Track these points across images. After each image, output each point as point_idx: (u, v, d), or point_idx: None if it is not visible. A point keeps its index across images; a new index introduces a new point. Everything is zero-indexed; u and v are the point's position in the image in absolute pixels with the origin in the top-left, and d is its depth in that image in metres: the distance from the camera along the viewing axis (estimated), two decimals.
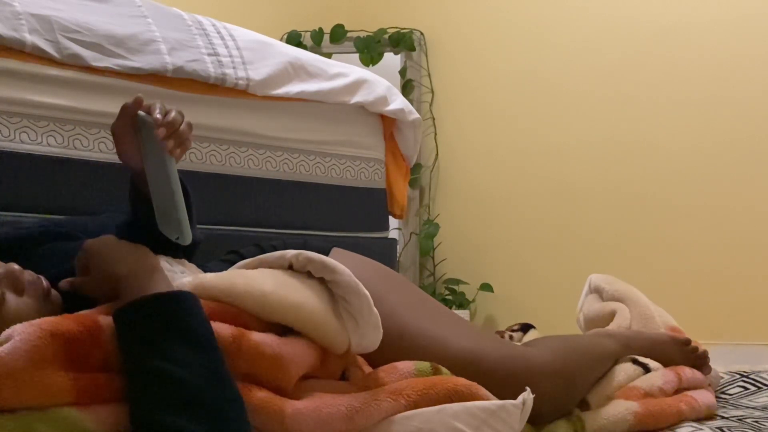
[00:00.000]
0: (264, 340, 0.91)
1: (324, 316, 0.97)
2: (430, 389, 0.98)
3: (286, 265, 1.02)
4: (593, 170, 3.04)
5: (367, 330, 1.00)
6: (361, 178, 2.08)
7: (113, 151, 1.58)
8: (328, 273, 1.00)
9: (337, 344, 0.99)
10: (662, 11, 2.96)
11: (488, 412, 0.96)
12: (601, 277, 1.89)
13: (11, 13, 1.46)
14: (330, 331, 0.97)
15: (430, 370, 1.06)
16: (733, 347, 2.61)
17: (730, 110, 2.85)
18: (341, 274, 0.99)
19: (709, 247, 2.84)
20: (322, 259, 1.00)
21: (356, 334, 1.00)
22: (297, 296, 0.96)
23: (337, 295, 1.00)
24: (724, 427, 1.33)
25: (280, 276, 0.99)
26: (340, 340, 0.99)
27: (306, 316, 0.96)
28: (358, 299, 0.99)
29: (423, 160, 3.27)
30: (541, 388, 1.13)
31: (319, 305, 0.97)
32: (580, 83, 3.08)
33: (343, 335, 0.99)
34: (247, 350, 0.89)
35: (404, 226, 3.28)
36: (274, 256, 1.03)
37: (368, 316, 1.00)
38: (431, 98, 3.32)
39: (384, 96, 2.07)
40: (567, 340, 1.44)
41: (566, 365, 1.26)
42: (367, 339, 1.01)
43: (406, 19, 3.36)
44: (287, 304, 0.95)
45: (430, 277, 3.25)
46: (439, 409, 0.95)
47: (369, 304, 1.00)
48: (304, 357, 0.95)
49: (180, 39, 1.70)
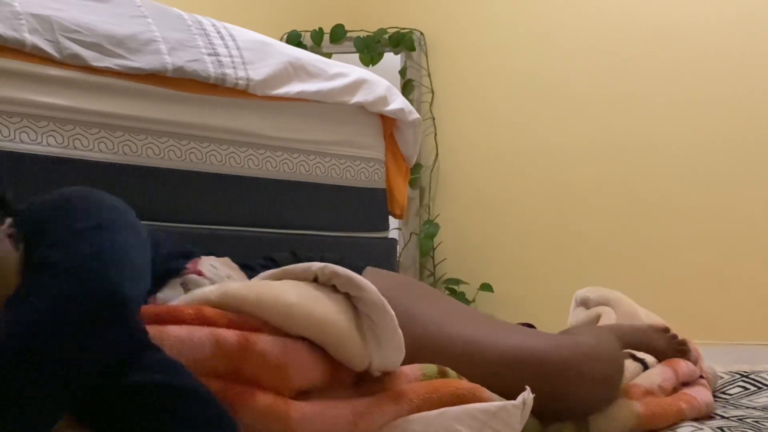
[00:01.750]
0: (270, 349, 0.90)
1: (347, 333, 0.95)
2: (432, 393, 0.99)
3: (311, 278, 1.00)
4: (593, 170, 3.04)
5: (389, 350, 0.98)
6: (361, 178, 2.07)
7: (113, 151, 1.59)
8: (354, 289, 0.97)
9: (357, 362, 0.97)
10: (662, 11, 2.96)
11: (489, 413, 0.96)
12: (586, 289, 1.92)
13: (11, 13, 1.46)
14: (352, 349, 0.95)
15: (437, 373, 1.06)
16: (733, 347, 2.61)
17: (730, 110, 2.85)
18: (367, 291, 0.97)
19: (709, 247, 2.84)
20: (348, 274, 0.98)
21: (378, 354, 0.97)
22: (322, 310, 0.94)
23: (361, 313, 0.98)
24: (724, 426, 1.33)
25: (305, 288, 0.97)
26: (360, 359, 0.97)
27: (329, 331, 0.94)
28: (383, 318, 0.97)
29: (423, 160, 3.27)
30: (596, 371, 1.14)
31: (343, 321, 0.95)
32: (580, 83, 3.08)
33: (364, 353, 0.96)
34: (251, 357, 0.88)
35: (404, 226, 3.28)
36: (299, 268, 1.01)
37: (392, 336, 0.98)
38: (431, 98, 3.32)
39: (384, 96, 2.07)
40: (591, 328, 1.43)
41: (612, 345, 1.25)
42: (388, 360, 0.99)
43: (406, 19, 3.36)
44: (312, 318, 0.93)
45: (430, 277, 3.25)
46: (440, 412, 0.96)
47: (393, 325, 0.97)
48: (311, 368, 0.94)
49: (180, 39, 1.70)
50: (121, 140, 1.60)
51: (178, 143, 1.69)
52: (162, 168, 1.66)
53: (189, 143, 1.71)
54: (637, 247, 2.95)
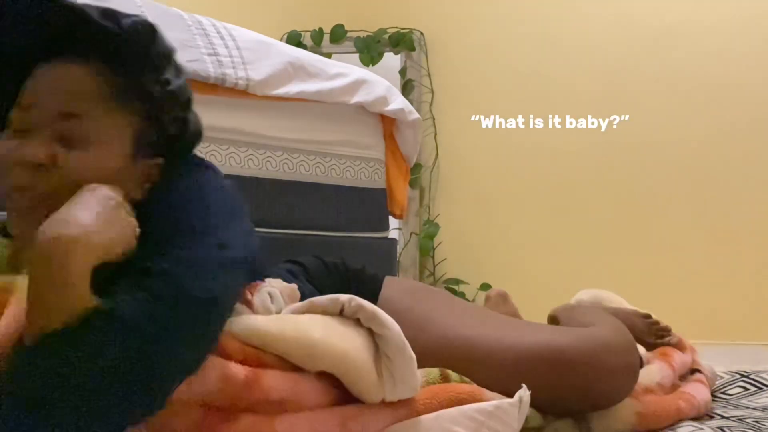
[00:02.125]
0: (275, 386, 0.89)
1: (366, 370, 0.95)
2: (431, 399, 0.99)
3: (338, 310, 0.99)
4: (593, 170, 3.04)
5: (403, 390, 0.98)
6: (361, 178, 2.07)
7: None
8: (377, 326, 0.97)
9: (371, 398, 0.96)
10: (662, 11, 2.97)
11: (486, 413, 0.96)
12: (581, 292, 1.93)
13: None
14: (367, 386, 0.95)
15: (439, 377, 1.06)
16: (733, 347, 2.61)
17: (730, 111, 2.85)
18: (390, 330, 0.97)
19: (709, 247, 2.84)
20: (374, 310, 0.98)
21: (392, 392, 0.97)
22: (343, 347, 0.94)
23: (381, 350, 0.97)
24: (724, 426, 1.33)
25: (329, 323, 0.97)
26: (374, 395, 0.96)
27: (349, 368, 0.93)
28: (403, 360, 0.96)
29: (423, 160, 3.27)
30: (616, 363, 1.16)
31: (363, 359, 0.95)
32: (580, 83, 3.08)
33: (379, 391, 0.96)
34: (256, 392, 0.87)
35: (404, 226, 3.28)
36: (325, 300, 1.00)
37: (410, 379, 0.97)
38: (431, 98, 3.32)
39: (384, 96, 2.07)
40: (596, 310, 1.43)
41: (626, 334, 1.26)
42: (401, 396, 0.99)
43: (406, 19, 3.36)
44: (334, 354, 0.93)
45: (430, 277, 3.25)
46: (436, 415, 0.95)
47: (412, 367, 0.97)
48: (315, 397, 0.94)
49: (180, 39, 1.70)
50: None
51: None
52: None
53: None
54: (637, 247, 2.95)
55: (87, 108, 0.87)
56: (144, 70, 0.92)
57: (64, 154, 0.84)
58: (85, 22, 0.89)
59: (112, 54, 0.90)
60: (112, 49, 0.90)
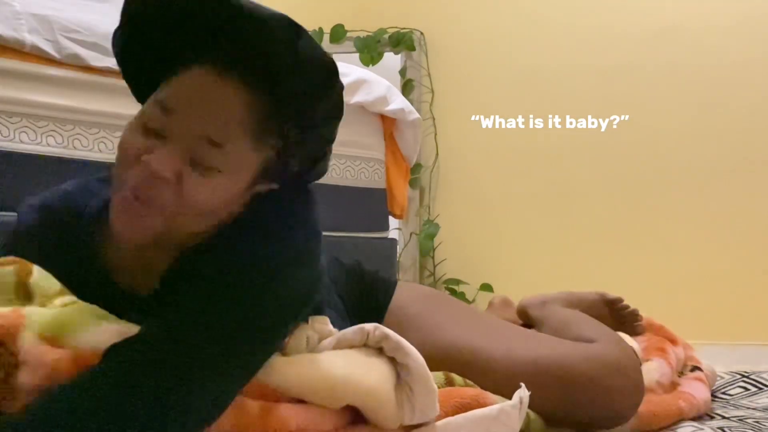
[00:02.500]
0: (291, 415, 0.89)
1: (387, 402, 0.95)
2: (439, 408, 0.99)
3: (364, 340, 0.99)
4: (593, 170, 3.04)
5: (421, 419, 0.98)
6: (361, 178, 2.07)
7: (113, 151, 1.58)
8: (402, 356, 0.97)
9: (390, 426, 0.96)
10: (662, 11, 2.96)
11: (490, 418, 0.98)
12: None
13: (11, 12, 1.45)
14: (387, 415, 0.95)
15: (444, 381, 1.07)
16: (733, 347, 2.61)
17: (730, 111, 2.85)
18: (414, 359, 0.96)
19: (709, 247, 2.84)
20: (398, 341, 0.98)
21: (410, 420, 0.97)
22: (367, 380, 0.94)
23: (403, 379, 0.97)
24: (725, 427, 1.34)
25: (351, 356, 0.97)
26: (392, 423, 0.96)
27: (371, 400, 0.93)
28: (425, 392, 0.96)
29: (423, 160, 3.27)
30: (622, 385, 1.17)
31: (386, 390, 0.95)
32: (580, 83, 3.08)
33: (397, 419, 0.96)
34: (273, 422, 0.87)
35: (404, 226, 3.27)
36: (351, 333, 0.99)
37: (430, 411, 0.97)
38: (431, 98, 3.32)
39: (384, 96, 2.07)
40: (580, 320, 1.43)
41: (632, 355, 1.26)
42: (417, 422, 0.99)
43: (406, 19, 3.36)
44: (356, 390, 0.93)
45: (430, 277, 3.25)
46: (442, 424, 0.97)
47: (433, 399, 0.97)
48: (332, 426, 0.94)
49: None
50: None
51: None
52: None
53: None
54: (637, 247, 2.95)
55: (230, 138, 0.82)
56: (303, 112, 0.86)
57: (190, 175, 0.81)
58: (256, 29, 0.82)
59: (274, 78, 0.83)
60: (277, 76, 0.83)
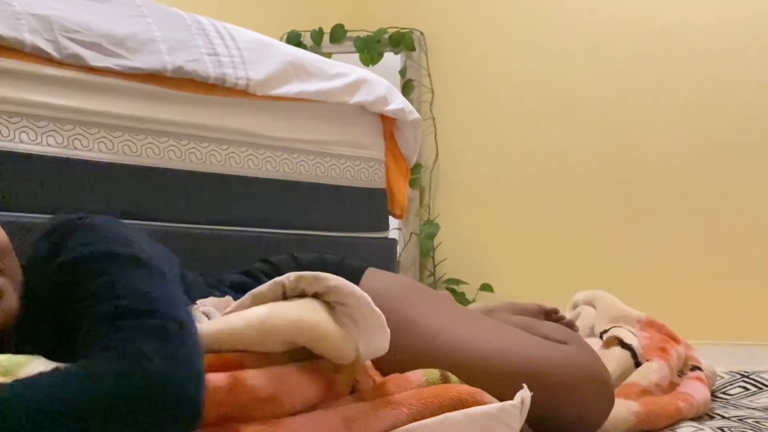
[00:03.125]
0: (260, 383, 0.89)
1: (325, 325, 0.95)
2: (434, 398, 0.99)
3: (280, 292, 1.00)
4: (593, 170, 3.04)
5: (372, 330, 0.99)
6: (361, 178, 2.07)
7: (113, 151, 1.59)
8: (319, 283, 0.98)
9: (345, 352, 0.97)
10: (663, 12, 2.96)
11: (490, 416, 0.97)
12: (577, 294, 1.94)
13: (11, 13, 1.45)
14: (335, 340, 0.95)
15: (440, 377, 1.07)
16: (733, 347, 2.61)
17: (731, 111, 2.85)
18: (331, 278, 0.98)
19: (709, 247, 2.84)
20: (312, 274, 0.99)
21: (362, 338, 0.98)
22: (294, 313, 0.95)
23: (334, 303, 0.98)
24: (724, 427, 1.34)
25: (275, 303, 0.98)
26: (347, 347, 0.97)
27: (306, 328, 0.94)
28: (356, 300, 0.97)
29: (423, 160, 3.27)
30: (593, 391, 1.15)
31: (318, 315, 0.96)
32: (581, 83, 3.08)
33: (349, 341, 0.97)
34: (243, 394, 0.87)
35: (404, 226, 3.28)
36: (266, 286, 1.00)
37: (370, 316, 0.98)
38: (431, 98, 3.32)
39: (384, 96, 2.07)
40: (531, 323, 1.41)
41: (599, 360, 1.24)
42: (374, 341, 1.00)
43: (406, 19, 3.36)
44: (286, 322, 0.93)
45: (430, 277, 3.25)
46: (441, 419, 0.96)
47: (368, 304, 0.98)
48: (305, 389, 0.94)
49: (180, 39, 1.70)
50: (121, 140, 1.60)
51: (178, 143, 1.69)
52: (162, 168, 1.65)
53: (189, 143, 1.71)
54: (637, 247, 2.95)
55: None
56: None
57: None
58: None
59: None
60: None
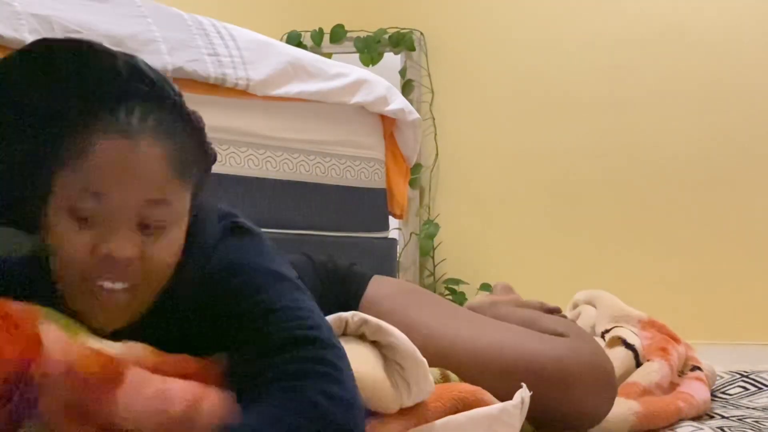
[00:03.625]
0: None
1: (381, 385, 0.95)
2: (436, 401, 1.00)
3: (342, 328, 1.00)
4: (593, 170, 3.04)
5: (419, 396, 0.99)
6: (361, 178, 2.07)
7: None
8: (384, 336, 0.98)
9: (390, 408, 0.97)
10: (663, 13, 2.97)
11: (491, 417, 0.98)
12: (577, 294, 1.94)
13: (11, 13, 1.45)
14: (385, 399, 0.96)
15: (440, 377, 1.07)
16: (733, 347, 2.61)
17: (731, 110, 2.85)
18: (398, 338, 0.98)
19: (709, 247, 2.84)
20: (378, 323, 0.99)
21: (408, 398, 0.98)
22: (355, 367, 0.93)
23: (390, 359, 0.98)
24: (724, 426, 1.34)
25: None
26: (393, 405, 0.97)
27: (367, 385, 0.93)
28: (415, 366, 0.97)
29: (423, 160, 3.27)
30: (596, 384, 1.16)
31: (377, 373, 0.95)
32: (581, 83, 3.08)
33: (396, 400, 0.97)
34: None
35: (404, 226, 3.28)
36: (330, 321, 0.98)
37: (424, 383, 0.98)
38: (431, 98, 3.32)
39: (384, 96, 2.07)
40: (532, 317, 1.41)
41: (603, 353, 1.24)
42: (418, 396, 1.00)
43: (406, 19, 3.36)
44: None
45: (430, 277, 3.25)
46: (445, 422, 0.97)
47: (425, 372, 0.98)
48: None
49: (180, 39, 1.70)
50: None
51: None
52: None
53: None
54: (637, 247, 2.95)
55: (167, 191, 0.83)
56: (190, 135, 0.88)
57: (150, 244, 0.82)
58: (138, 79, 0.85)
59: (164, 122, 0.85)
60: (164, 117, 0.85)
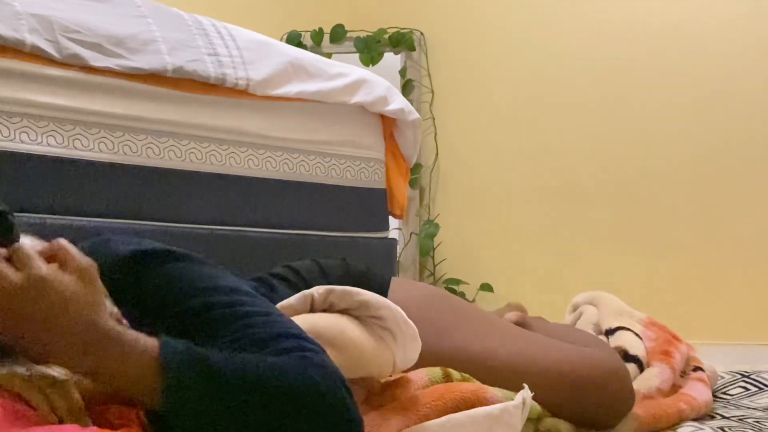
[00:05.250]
0: None
1: (363, 341, 0.95)
2: (438, 400, 1.00)
3: (309, 305, 1.00)
4: (593, 170, 3.04)
5: (406, 341, 0.99)
6: (361, 178, 2.07)
7: (113, 151, 1.59)
8: (352, 298, 0.98)
9: (384, 367, 0.98)
10: (663, 12, 2.96)
11: (492, 417, 0.97)
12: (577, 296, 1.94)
13: (11, 13, 1.45)
14: (374, 355, 0.96)
15: (442, 376, 1.07)
16: (734, 347, 2.61)
17: (731, 111, 2.85)
18: (362, 294, 0.98)
19: (710, 246, 2.84)
20: (344, 288, 0.99)
21: (399, 350, 0.98)
22: (331, 332, 0.93)
23: (366, 317, 0.98)
24: (725, 426, 1.34)
25: (306, 318, 0.96)
26: (385, 361, 0.97)
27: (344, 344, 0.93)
28: (390, 313, 0.98)
29: (423, 160, 3.27)
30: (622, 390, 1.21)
31: (355, 332, 0.95)
32: (581, 83, 3.08)
33: (386, 355, 0.97)
34: None
35: (404, 226, 3.27)
36: (295, 298, 1.00)
37: (405, 327, 0.99)
38: (431, 98, 3.32)
39: (384, 96, 2.07)
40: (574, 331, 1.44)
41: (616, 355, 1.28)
42: (408, 352, 1.01)
43: (406, 19, 3.36)
44: (324, 342, 0.91)
45: (430, 277, 3.25)
46: (444, 421, 0.97)
47: (402, 316, 0.99)
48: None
49: (180, 39, 1.70)
50: (121, 140, 1.60)
51: (178, 143, 1.69)
52: (162, 168, 1.65)
53: (189, 143, 1.71)
54: (637, 247, 2.95)
55: None
56: None
57: None
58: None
59: None
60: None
